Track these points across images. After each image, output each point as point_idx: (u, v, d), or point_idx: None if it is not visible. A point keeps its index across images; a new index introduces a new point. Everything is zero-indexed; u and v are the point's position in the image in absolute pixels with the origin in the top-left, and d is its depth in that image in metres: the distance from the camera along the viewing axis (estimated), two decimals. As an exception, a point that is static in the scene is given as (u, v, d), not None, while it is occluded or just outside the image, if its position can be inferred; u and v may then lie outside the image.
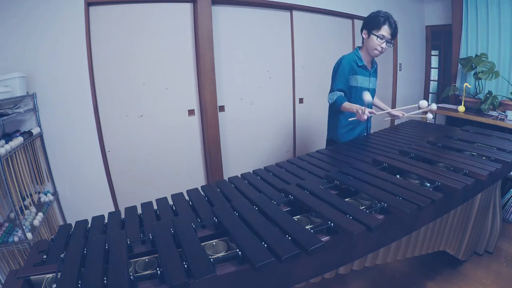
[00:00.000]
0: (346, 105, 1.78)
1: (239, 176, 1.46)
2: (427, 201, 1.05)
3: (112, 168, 2.36)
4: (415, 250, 1.40)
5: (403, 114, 1.94)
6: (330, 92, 1.90)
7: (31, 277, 0.83)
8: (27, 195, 1.81)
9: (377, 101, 2.15)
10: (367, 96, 1.66)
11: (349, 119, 1.81)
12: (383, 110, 2.05)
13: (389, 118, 2.04)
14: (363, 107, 1.66)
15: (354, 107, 1.73)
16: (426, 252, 1.47)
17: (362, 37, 1.88)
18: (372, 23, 1.80)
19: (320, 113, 3.34)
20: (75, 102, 2.10)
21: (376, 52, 1.82)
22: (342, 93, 1.84)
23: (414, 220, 1.16)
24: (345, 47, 3.46)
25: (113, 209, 2.28)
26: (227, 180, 1.42)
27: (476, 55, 3.14)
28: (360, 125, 2.01)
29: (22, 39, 1.89)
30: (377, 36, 1.78)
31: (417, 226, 1.23)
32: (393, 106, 4.12)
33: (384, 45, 1.79)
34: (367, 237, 0.94)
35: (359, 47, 1.92)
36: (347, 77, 1.85)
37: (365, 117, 1.65)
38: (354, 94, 1.89)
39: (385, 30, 1.77)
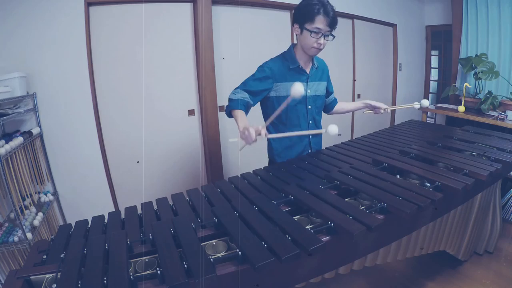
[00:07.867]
0: (237, 115, 1.37)
1: (239, 176, 1.46)
2: (427, 201, 1.05)
3: (112, 168, 2.36)
4: (415, 250, 1.40)
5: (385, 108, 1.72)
6: (236, 88, 1.50)
7: (31, 277, 0.83)
8: (27, 195, 1.81)
9: (344, 106, 1.83)
10: (296, 89, 1.18)
11: (230, 140, 1.41)
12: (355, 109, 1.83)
13: (370, 112, 1.79)
14: (252, 127, 1.21)
15: (242, 123, 1.31)
16: (426, 252, 1.47)
17: (295, 33, 1.50)
18: (303, 14, 1.39)
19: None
20: (75, 102, 2.10)
21: (314, 50, 1.44)
22: (248, 97, 1.45)
23: (414, 220, 1.16)
24: (344, 47, 3.46)
25: (113, 209, 2.28)
26: (227, 180, 1.42)
27: (476, 55, 3.14)
28: (301, 141, 1.61)
29: (22, 39, 1.89)
30: (311, 31, 1.38)
31: (417, 226, 1.23)
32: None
33: (321, 40, 1.40)
34: (367, 237, 0.94)
35: (294, 45, 1.55)
36: (264, 84, 1.47)
37: (252, 139, 1.21)
38: (283, 107, 1.43)
39: (320, 22, 1.36)
